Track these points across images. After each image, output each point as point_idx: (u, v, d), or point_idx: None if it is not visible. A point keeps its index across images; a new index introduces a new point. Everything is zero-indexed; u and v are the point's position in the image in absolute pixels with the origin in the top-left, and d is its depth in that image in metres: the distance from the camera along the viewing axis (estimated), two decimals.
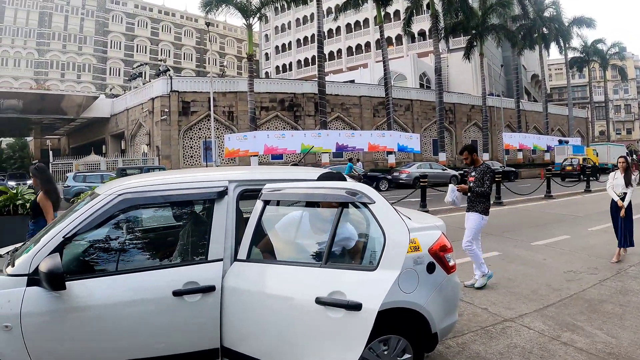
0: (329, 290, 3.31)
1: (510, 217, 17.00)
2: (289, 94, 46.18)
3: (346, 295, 3.22)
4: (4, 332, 3.57)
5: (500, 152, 54.45)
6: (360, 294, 3.19)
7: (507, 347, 5.59)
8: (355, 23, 79.68)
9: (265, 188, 3.96)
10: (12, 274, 3.76)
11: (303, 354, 3.39)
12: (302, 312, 3.42)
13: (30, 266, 3.69)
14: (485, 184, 8.15)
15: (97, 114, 52.19)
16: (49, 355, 3.70)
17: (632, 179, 9.90)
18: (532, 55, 67.44)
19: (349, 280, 3.34)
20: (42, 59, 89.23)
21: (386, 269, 3.14)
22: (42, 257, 3.64)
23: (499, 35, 51.17)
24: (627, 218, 9.85)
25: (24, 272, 3.70)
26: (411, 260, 4.27)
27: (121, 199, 3.99)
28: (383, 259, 3.32)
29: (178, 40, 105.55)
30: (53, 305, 3.65)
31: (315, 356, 3.32)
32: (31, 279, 3.66)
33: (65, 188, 30.93)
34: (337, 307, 3.22)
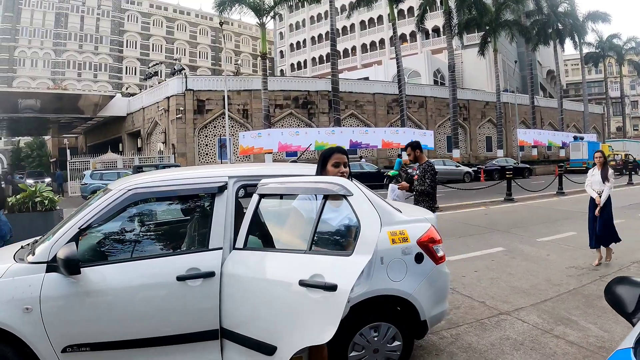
0: (311, 274, 3.58)
1: (519, 214, 17.07)
2: (303, 91, 46.18)
3: (325, 278, 3.48)
4: (25, 313, 3.96)
5: (515, 148, 54.15)
6: (337, 276, 3.45)
7: (500, 339, 5.75)
8: (369, 20, 79.58)
9: (261, 183, 4.28)
10: (32, 262, 4.16)
11: (290, 331, 3.67)
12: (288, 293, 3.71)
13: (49, 254, 4.09)
14: (426, 182, 7.99)
15: (113, 113, 52.49)
16: (65, 335, 4.06)
17: (608, 174, 9.63)
18: (548, 51, 66.74)
19: (327, 265, 3.61)
20: (59, 59, 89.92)
21: (360, 254, 3.38)
22: (59, 246, 4.02)
23: (513, 31, 50.78)
24: (605, 215, 9.47)
25: (43, 259, 4.10)
26: (399, 251, 4.56)
27: (131, 194, 4.36)
28: (357, 245, 3.57)
29: (193, 38, 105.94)
30: (69, 289, 4.03)
31: (299, 332, 3.59)
32: (50, 265, 4.06)
33: (83, 185, 31.47)
34: (317, 288, 3.50)
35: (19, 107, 47.89)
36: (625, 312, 2.24)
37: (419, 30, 50.78)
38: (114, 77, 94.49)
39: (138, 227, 5.00)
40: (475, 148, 56.54)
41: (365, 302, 4.35)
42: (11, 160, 76.77)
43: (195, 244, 4.73)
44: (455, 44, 53.37)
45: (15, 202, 12.64)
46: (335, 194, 3.89)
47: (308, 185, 4.12)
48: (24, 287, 4.01)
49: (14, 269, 4.16)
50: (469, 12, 48.13)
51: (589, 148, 45.82)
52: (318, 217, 3.85)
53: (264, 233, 4.53)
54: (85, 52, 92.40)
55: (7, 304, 3.98)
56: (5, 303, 3.98)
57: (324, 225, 3.97)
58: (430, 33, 70.61)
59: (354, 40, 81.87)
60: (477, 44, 54.99)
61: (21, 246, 5.05)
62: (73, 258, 3.80)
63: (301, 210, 4.20)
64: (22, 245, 5.12)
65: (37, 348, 4.01)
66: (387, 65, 65.07)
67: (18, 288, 4.00)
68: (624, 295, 2.29)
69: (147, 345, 4.15)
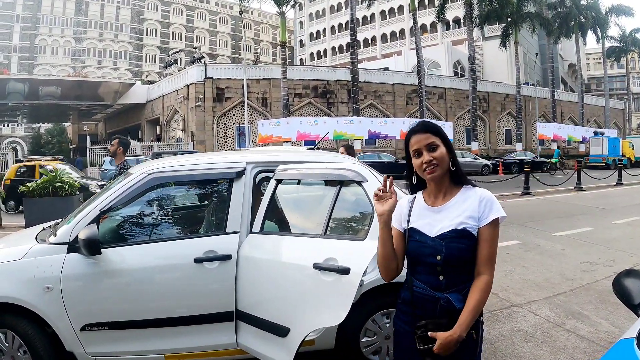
0: (325, 257, 3.65)
1: (536, 208, 17.03)
2: (322, 81, 46.10)
3: (338, 262, 3.55)
4: (46, 292, 4.10)
5: (534, 142, 53.74)
6: (349, 260, 3.51)
7: (510, 331, 5.81)
8: (389, 10, 79.16)
9: (278, 169, 4.34)
10: (54, 242, 4.30)
11: (303, 313, 3.73)
12: (302, 276, 3.78)
13: (70, 235, 4.23)
14: None
15: (133, 100, 52.78)
16: (84, 313, 4.19)
17: None
18: (570, 44, 66.04)
19: (341, 249, 3.68)
20: (79, 47, 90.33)
21: (373, 239, 3.42)
22: (81, 228, 4.14)
23: (534, 23, 50.10)
24: None
25: (64, 240, 4.24)
26: None
27: (151, 178, 4.48)
28: (371, 231, 3.65)
29: (213, 27, 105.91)
30: (89, 270, 4.16)
31: (312, 315, 3.66)
32: (71, 246, 4.19)
33: (102, 172, 31.69)
34: (330, 271, 3.56)
35: (40, 94, 48.25)
36: (631, 304, 2.31)
37: (440, 20, 50.37)
38: (134, 65, 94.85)
39: (157, 211, 5.12)
40: (494, 141, 56.22)
41: (377, 288, 4.40)
42: (31, 146, 77.41)
43: (213, 228, 4.88)
44: (476, 35, 53.00)
45: (36, 187, 12.84)
46: (350, 180, 3.97)
47: (324, 171, 4.23)
48: (45, 267, 4.14)
49: (36, 249, 4.30)
50: (490, 3, 47.58)
51: (609, 144, 45.39)
52: (333, 202, 3.93)
53: (280, 218, 4.63)
54: (105, 40, 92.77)
55: (28, 283, 4.12)
56: (27, 282, 4.12)
57: (338, 211, 4.06)
58: (450, 24, 70.22)
59: (374, 30, 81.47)
60: (498, 36, 54.53)
61: (43, 228, 5.20)
62: (94, 239, 3.91)
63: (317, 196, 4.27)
64: (44, 227, 5.27)
65: (57, 326, 4.15)
66: (407, 56, 64.75)
67: (40, 267, 4.14)
68: (631, 287, 2.36)
69: (164, 325, 4.25)
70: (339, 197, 3.94)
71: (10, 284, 4.15)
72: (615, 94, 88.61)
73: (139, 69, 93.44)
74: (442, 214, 2.61)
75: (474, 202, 2.59)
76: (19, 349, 4.25)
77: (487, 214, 2.55)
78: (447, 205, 2.62)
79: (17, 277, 4.17)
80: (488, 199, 2.59)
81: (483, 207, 2.57)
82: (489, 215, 2.54)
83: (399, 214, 2.73)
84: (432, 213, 2.64)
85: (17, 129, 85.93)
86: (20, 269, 4.20)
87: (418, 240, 2.60)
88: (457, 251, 2.50)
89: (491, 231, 2.53)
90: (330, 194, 4.08)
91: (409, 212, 2.72)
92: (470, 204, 2.59)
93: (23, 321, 4.19)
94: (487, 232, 2.53)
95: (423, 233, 2.60)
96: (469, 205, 2.59)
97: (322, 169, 4.28)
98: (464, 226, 2.52)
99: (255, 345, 4.15)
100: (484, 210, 2.56)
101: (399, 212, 2.73)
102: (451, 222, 2.55)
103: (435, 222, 2.60)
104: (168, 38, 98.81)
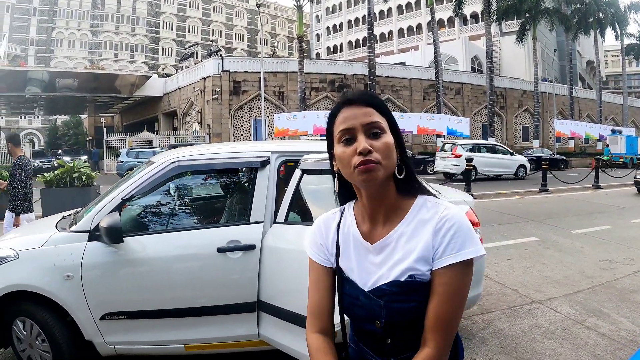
0: None
1: (554, 205, 16.88)
2: (339, 75, 46.11)
3: None
4: (66, 281, 4.08)
5: (551, 139, 53.42)
6: None
7: (531, 327, 5.76)
8: (406, 4, 79.08)
9: (303, 159, 4.29)
10: (74, 231, 4.28)
11: None
12: None
13: (91, 223, 4.20)
14: (15, 178, 7.61)
15: (149, 93, 52.99)
16: (104, 302, 4.17)
17: None
18: (588, 41, 65.61)
19: None
20: (95, 40, 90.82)
21: None
22: (102, 216, 4.10)
23: (553, 19, 49.67)
24: None
25: (85, 228, 4.22)
26: None
27: (174, 166, 4.44)
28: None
29: (229, 20, 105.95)
30: (110, 258, 4.13)
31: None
32: (92, 234, 4.17)
33: (119, 163, 32.02)
34: None
35: (57, 86, 48.54)
36: None
37: (457, 15, 50.22)
38: (150, 58, 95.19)
39: (179, 200, 5.11)
40: (511, 137, 55.95)
41: None
42: (48, 138, 77.99)
43: (236, 217, 4.85)
44: (494, 31, 52.76)
45: (54, 177, 12.94)
46: None
47: None
48: (65, 255, 4.12)
49: (56, 237, 4.28)
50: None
51: (626, 142, 45.04)
52: None
53: (302, 208, 4.59)
54: (121, 33, 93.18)
55: (48, 271, 4.11)
56: (47, 270, 4.11)
57: None
58: (468, 19, 70.05)
59: (390, 25, 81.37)
60: (515, 32, 54.12)
61: (63, 216, 5.18)
62: (116, 227, 3.89)
63: None
64: (64, 215, 5.25)
65: (77, 315, 4.13)
66: (424, 51, 64.70)
67: (60, 256, 4.13)
68: None
69: (185, 315, 4.23)
70: None
71: (29, 272, 4.15)
72: (633, 92, 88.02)
73: (155, 62, 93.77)
74: (381, 255, 1.68)
75: (429, 231, 1.61)
76: (37, 337, 4.26)
77: (446, 250, 1.57)
78: (388, 240, 1.67)
79: (36, 265, 4.17)
80: (452, 226, 1.59)
81: (441, 240, 1.58)
82: (450, 253, 1.56)
83: (322, 241, 1.83)
84: (366, 251, 1.71)
85: (34, 121, 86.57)
86: (40, 257, 4.19)
87: (348, 293, 1.74)
88: (403, 314, 1.63)
89: (452, 279, 1.56)
90: None
91: (336, 237, 1.81)
92: (423, 236, 1.62)
93: (42, 309, 4.18)
94: (444, 280, 1.57)
95: (354, 283, 1.72)
96: (421, 238, 1.62)
97: None
98: (410, 274, 1.60)
99: (277, 337, 4.12)
100: (443, 244, 1.58)
101: (321, 237, 1.84)
102: (393, 270, 1.63)
103: (371, 267, 1.69)
104: (184, 31, 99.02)
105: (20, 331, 4.31)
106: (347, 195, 1.83)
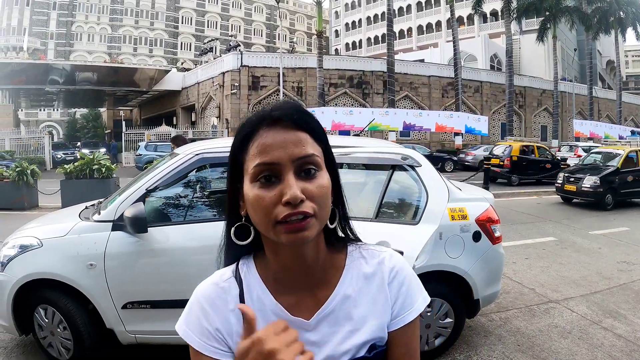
0: (377, 240, 3.57)
1: (572, 205, 16.82)
2: (358, 71, 45.99)
3: (390, 245, 3.42)
4: (89, 269, 4.17)
5: (570, 139, 52.93)
6: (402, 243, 3.45)
7: (548, 326, 5.80)
8: (426, 1, 78.94)
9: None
10: (98, 220, 4.36)
11: None
12: None
13: (115, 213, 4.27)
14: None
15: (168, 87, 53.18)
16: (126, 291, 4.25)
17: None
18: (609, 40, 65.07)
19: (394, 232, 3.69)
20: (115, 34, 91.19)
21: (426, 223, 3.42)
22: (126, 206, 4.18)
23: (573, 18, 49.29)
24: None
25: (109, 218, 4.30)
26: (458, 228, 4.57)
27: (198, 158, 4.51)
28: (424, 215, 3.65)
29: (248, 16, 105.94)
30: (133, 247, 4.21)
31: None
32: (115, 224, 4.24)
33: (137, 156, 32.22)
34: None
35: (77, 80, 48.88)
36: None
37: (477, 13, 49.83)
38: (169, 53, 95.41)
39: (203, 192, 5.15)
40: (530, 136, 55.43)
41: (421, 275, 4.32)
42: (67, 130, 78.54)
43: None
44: (514, 29, 52.41)
45: (73, 169, 13.11)
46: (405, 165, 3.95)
47: (374, 155, 4.19)
48: (89, 244, 4.20)
49: (79, 227, 4.37)
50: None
51: None
52: (385, 186, 3.91)
53: None
54: (141, 27, 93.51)
55: (72, 260, 4.20)
56: (70, 258, 4.20)
57: (391, 194, 4.05)
58: (488, 16, 69.67)
59: (410, 22, 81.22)
60: (535, 30, 53.77)
61: (86, 206, 5.26)
62: (141, 217, 3.96)
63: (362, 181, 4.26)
64: (87, 205, 5.33)
65: (99, 303, 4.22)
66: (443, 48, 64.44)
67: (83, 245, 4.21)
68: None
69: None
70: (391, 181, 3.93)
71: (53, 260, 4.24)
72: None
73: (174, 57, 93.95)
74: (317, 331, 1.22)
75: (379, 288, 1.27)
76: (58, 324, 4.34)
77: (404, 307, 1.27)
78: (326, 309, 1.22)
79: (60, 253, 4.25)
80: (405, 278, 1.29)
81: (396, 297, 1.27)
82: (408, 308, 1.27)
83: (218, 325, 1.21)
84: (299, 330, 1.09)
85: (53, 113, 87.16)
86: (64, 246, 4.28)
87: None
88: None
89: (411, 336, 1.30)
90: (376, 179, 4.08)
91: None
92: (375, 295, 1.26)
93: (64, 297, 4.26)
94: (405, 339, 1.28)
95: None
96: (374, 298, 1.26)
97: (372, 152, 4.24)
98: (373, 344, 1.24)
99: None
100: (399, 301, 1.27)
101: (213, 319, 1.21)
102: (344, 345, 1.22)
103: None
104: (203, 26, 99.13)
105: (42, 318, 4.40)
106: (240, 249, 1.30)
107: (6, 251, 4.48)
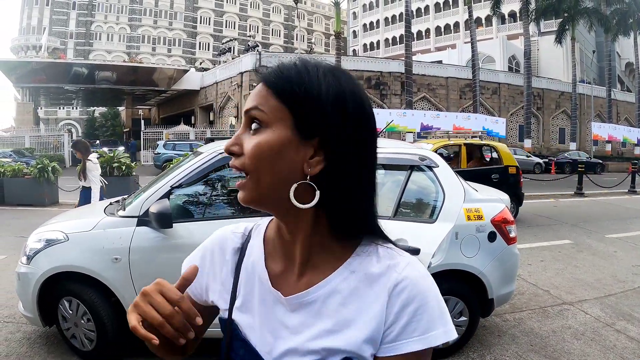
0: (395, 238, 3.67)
1: (588, 208, 16.79)
2: (376, 72, 46.00)
3: (408, 242, 3.58)
4: (114, 263, 4.33)
5: (588, 142, 52.61)
6: (419, 241, 3.55)
7: (561, 327, 5.84)
8: (444, 3, 78.81)
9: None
10: (123, 216, 4.52)
11: None
12: None
13: (140, 209, 4.42)
14: None
15: (187, 87, 53.49)
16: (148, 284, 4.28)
17: None
18: (628, 42, 64.43)
19: (411, 230, 3.78)
20: (134, 34, 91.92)
21: (443, 221, 3.53)
22: (151, 202, 4.33)
23: (592, 19, 48.78)
24: None
25: (134, 214, 4.45)
26: (474, 228, 4.67)
27: (222, 157, 4.60)
28: (441, 214, 3.76)
29: (266, 16, 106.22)
30: (158, 242, 4.35)
31: None
32: (140, 220, 4.39)
33: (156, 155, 32.43)
34: None
35: (96, 79, 49.32)
36: None
37: (495, 14, 49.57)
38: (187, 52, 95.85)
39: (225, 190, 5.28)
40: (548, 139, 55.38)
41: (437, 274, 4.43)
42: (86, 129, 79.16)
43: None
44: (532, 31, 52.07)
45: None
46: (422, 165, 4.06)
47: (393, 155, 4.27)
48: (114, 239, 4.36)
49: (105, 222, 4.53)
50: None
51: None
52: (404, 186, 4.01)
53: None
54: (159, 27, 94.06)
55: (97, 253, 4.36)
56: (96, 252, 4.36)
57: (409, 194, 4.15)
58: (506, 18, 69.40)
59: (427, 23, 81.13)
60: (554, 31, 53.36)
61: (110, 202, 5.42)
62: (166, 213, 4.09)
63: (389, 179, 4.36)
64: (111, 201, 5.51)
65: (123, 296, 4.37)
66: (461, 50, 64.25)
67: (109, 239, 4.37)
68: None
69: None
70: (409, 181, 4.04)
71: (78, 254, 4.40)
72: None
73: (192, 57, 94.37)
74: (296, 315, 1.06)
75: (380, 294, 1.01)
76: (82, 316, 4.49)
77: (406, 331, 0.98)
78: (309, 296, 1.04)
79: (85, 247, 4.41)
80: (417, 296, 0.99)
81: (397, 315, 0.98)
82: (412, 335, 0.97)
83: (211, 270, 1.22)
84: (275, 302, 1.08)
85: (72, 111, 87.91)
86: (90, 240, 4.43)
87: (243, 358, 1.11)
88: None
89: None
90: (394, 179, 4.18)
91: (233, 273, 1.17)
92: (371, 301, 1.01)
93: (89, 290, 4.41)
94: None
95: (252, 348, 1.08)
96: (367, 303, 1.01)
97: (391, 152, 4.30)
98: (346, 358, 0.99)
99: None
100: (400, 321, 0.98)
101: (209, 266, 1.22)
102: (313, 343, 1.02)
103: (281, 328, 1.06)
104: (221, 26, 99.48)
105: (66, 310, 4.54)
106: None
107: (32, 245, 4.64)
